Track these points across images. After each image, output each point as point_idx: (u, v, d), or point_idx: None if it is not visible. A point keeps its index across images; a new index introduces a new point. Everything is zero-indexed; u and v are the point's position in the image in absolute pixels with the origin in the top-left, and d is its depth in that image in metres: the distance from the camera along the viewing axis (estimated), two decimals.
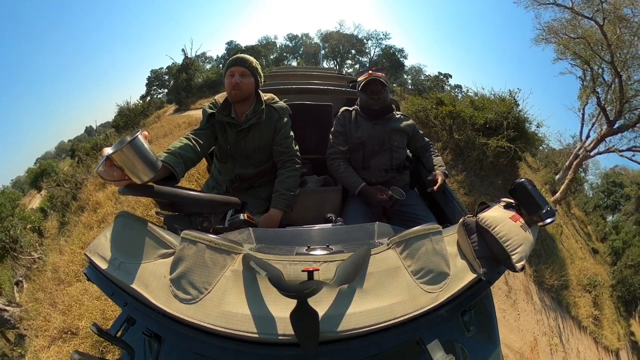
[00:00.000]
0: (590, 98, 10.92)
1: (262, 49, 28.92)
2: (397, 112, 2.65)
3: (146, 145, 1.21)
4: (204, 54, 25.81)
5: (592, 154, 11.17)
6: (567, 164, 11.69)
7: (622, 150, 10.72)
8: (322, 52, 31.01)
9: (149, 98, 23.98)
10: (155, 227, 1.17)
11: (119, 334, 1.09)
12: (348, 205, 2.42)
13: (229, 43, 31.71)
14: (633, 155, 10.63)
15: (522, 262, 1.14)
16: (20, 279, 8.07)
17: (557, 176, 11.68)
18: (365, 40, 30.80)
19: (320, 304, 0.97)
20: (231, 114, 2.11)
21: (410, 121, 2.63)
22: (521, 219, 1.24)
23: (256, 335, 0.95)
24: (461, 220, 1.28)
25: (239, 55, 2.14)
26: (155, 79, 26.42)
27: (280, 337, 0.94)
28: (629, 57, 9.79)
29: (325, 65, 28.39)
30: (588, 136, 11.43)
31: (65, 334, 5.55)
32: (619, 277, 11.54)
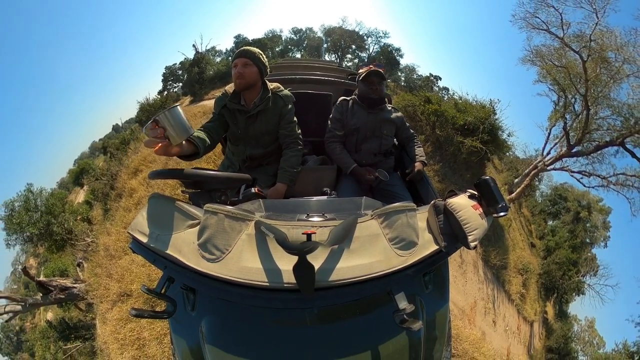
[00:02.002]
0: (558, 122, 10.65)
1: (269, 41, 25.65)
2: (389, 105, 2.56)
3: (183, 114, 1.28)
4: (213, 47, 23.04)
5: (548, 168, 11.10)
6: (526, 171, 11.64)
7: (574, 172, 10.72)
8: (325, 45, 27.78)
9: (165, 92, 21.64)
10: (182, 204, 1.19)
11: (163, 290, 1.13)
12: (341, 181, 2.39)
13: (237, 37, 27.41)
14: (581, 178, 10.64)
15: (475, 243, 1.17)
16: (80, 261, 8.19)
17: (516, 180, 11.64)
18: (365, 37, 27.36)
19: (316, 260, 1.01)
20: (240, 102, 2.01)
21: (400, 114, 2.55)
22: (480, 209, 1.26)
23: (267, 284, 1.00)
24: (432, 202, 1.29)
25: (241, 48, 2.01)
26: (170, 75, 23.60)
27: (285, 285, 0.99)
28: (601, 96, 9.44)
29: (327, 58, 25.62)
30: (549, 153, 11.33)
31: (123, 297, 5.77)
32: (546, 269, 11.84)
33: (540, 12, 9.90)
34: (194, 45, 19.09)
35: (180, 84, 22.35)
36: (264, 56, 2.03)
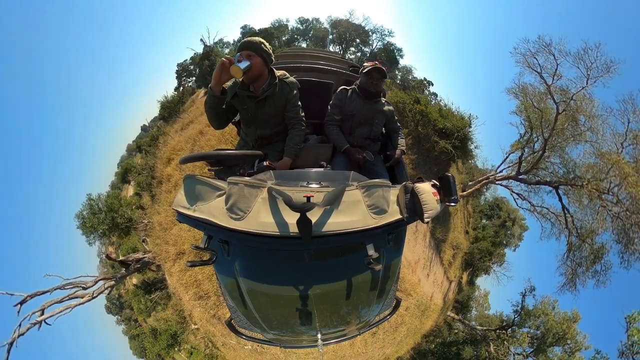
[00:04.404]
0: (517, 151, 9.93)
1: (275, 31, 20.12)
2: (383, 99, 2.32)
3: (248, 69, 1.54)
4: (221, 40, 18.55)
5: (496, 182, 10.71)
6: (479, 179, 11.39)
7: (514, 192, 10.46)
8: (330, 37, 22.13)
9: (181, 88, 17.83)
10: (209, 179, 1.17)
11: (206, 245, 1.15)
12: (335, 158, 2.24)
13: (244, 27, 22.07)
14: (517, 199, 10.43)
15: (429, 219, 1.21)
16: (144, 237, 8.49)
17: (470, 183, 11.44)
18: (370, 33, 21.46)
19: (313, 216, 1.04)
20: (250, 89, 1.76)
21: (391, 107, 2.31)
22: (438, 196, 1.30)
23: (278, 233, 1.03)
24: (404, 183, 1.31)
25: (243, 40, 1.69)
26: (182, 71, 19.28)
27: (291, 234, 1.02)
28: (558, 146, 8.67)
29: (331, 48, 20.89)
30: (501, 171, 10.78)
31: (179, 255, 6.03)
32: (471, 251, 12.38)
33: (540, 55, 8.29)
34: (201, 40, 15.60)
35: (194, 78, 18.58)
36: (267, 44, 1.73)
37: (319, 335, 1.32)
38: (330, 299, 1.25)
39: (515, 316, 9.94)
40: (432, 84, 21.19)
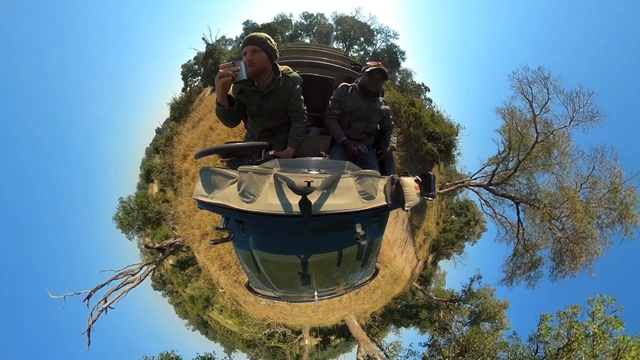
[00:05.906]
0: (493, 165, 9.60)
1: (278, 26, 16.55)
2: (381, 98, 2.13)
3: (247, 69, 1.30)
4: (223, 37, 15.74)
5: (469, 187, 10.46)
6: (455, 182, 11.23)
7: (482, 198, 10.53)
8: (334, 33, 18.33)
9: (188, 88, 15.34)
10: (222, 170, 1.13)
11: (224, 226, 1.13)
12: (333, 148, 2.09)
13: (246, 23, 17.93)
14: (483, 204, 10.49)
15: (409, 208, 1.21)
16: (173, 225, 8.59)
17: (447, 183, 11.20)
18: (375, 33, 17.55)
19: (313, 198, 1.03)
20: (254, 84, 1.57)
21: (388, 107, 2.14)
22: (419, 190, 1.31)
23: (283, 212, 1.02)
24: (391, 175, 1.30)
25: (249, 35, 1.47)
26: (187, 71, 16.17)
27: (294, 212, 1.02)
28: (528, 170, 8.51)
29: (334, 45, 17.51)
30: (475, 179, 10.47)
31: (203, 236, 5.99)
32: (438, 238, 12.66)
33: (535, 85, 7.59)
34: (203, 38, 13.04)
35: (199, 77, 15.70)
36: (272, 40, 1.52)
37: (316, 293, 1.39)
38: (325, 265, 1.29)
39: (462, 294, 10.49)
40: (429, 90, 18.42)
